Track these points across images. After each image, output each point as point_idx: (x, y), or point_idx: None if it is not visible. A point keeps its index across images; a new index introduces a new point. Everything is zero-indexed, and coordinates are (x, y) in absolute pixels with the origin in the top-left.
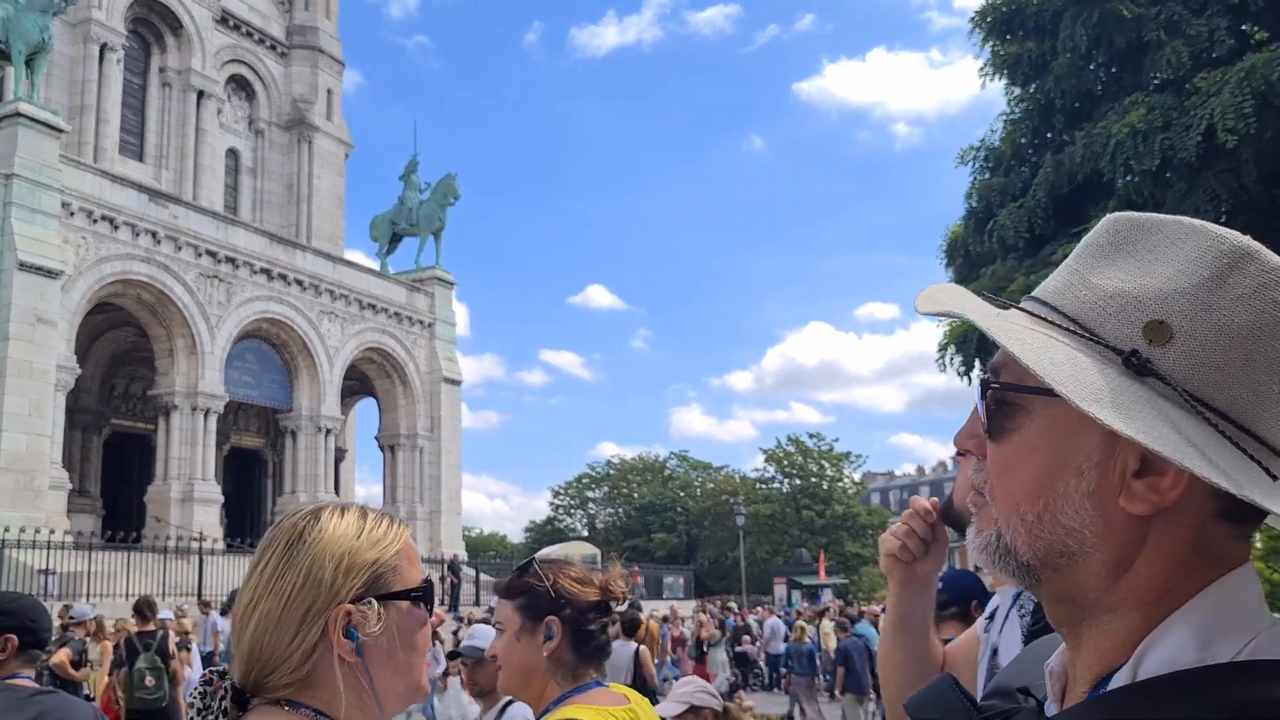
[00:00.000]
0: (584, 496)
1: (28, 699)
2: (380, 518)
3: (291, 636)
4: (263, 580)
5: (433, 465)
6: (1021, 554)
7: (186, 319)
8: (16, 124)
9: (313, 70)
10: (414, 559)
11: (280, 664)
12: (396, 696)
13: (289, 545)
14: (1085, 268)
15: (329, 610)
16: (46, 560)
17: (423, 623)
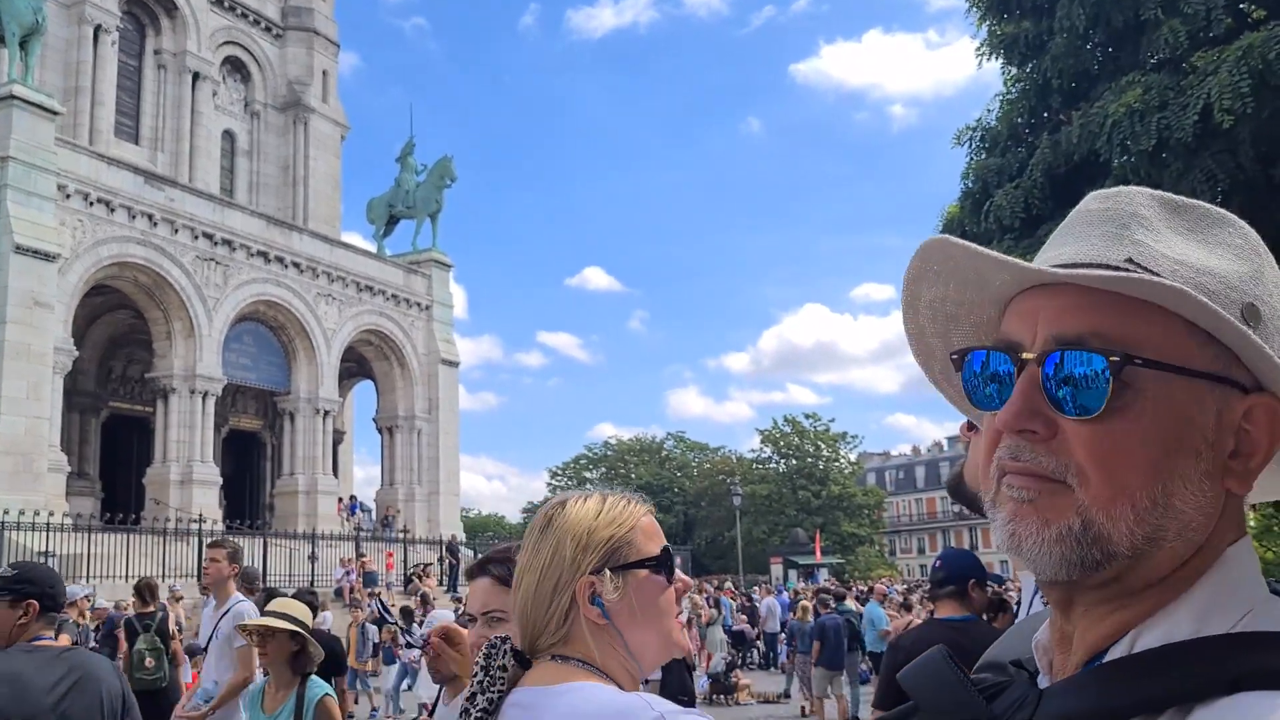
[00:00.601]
0: (581, 477)
1: (56, 657)
2: (619, 500)
3: (547, 605)
4: (526, 557)
5: (431, 447)
6: (1118, 542)
7: (184, 301)
8: (11, 106)
9: (308, 52)
10: (651, 533)
11: (544, 628)
12: (652, 651)
13: (542, 529)
14: (1149, 239)
15: (574, 582)
16: (46, 542)
17: (662, 588)
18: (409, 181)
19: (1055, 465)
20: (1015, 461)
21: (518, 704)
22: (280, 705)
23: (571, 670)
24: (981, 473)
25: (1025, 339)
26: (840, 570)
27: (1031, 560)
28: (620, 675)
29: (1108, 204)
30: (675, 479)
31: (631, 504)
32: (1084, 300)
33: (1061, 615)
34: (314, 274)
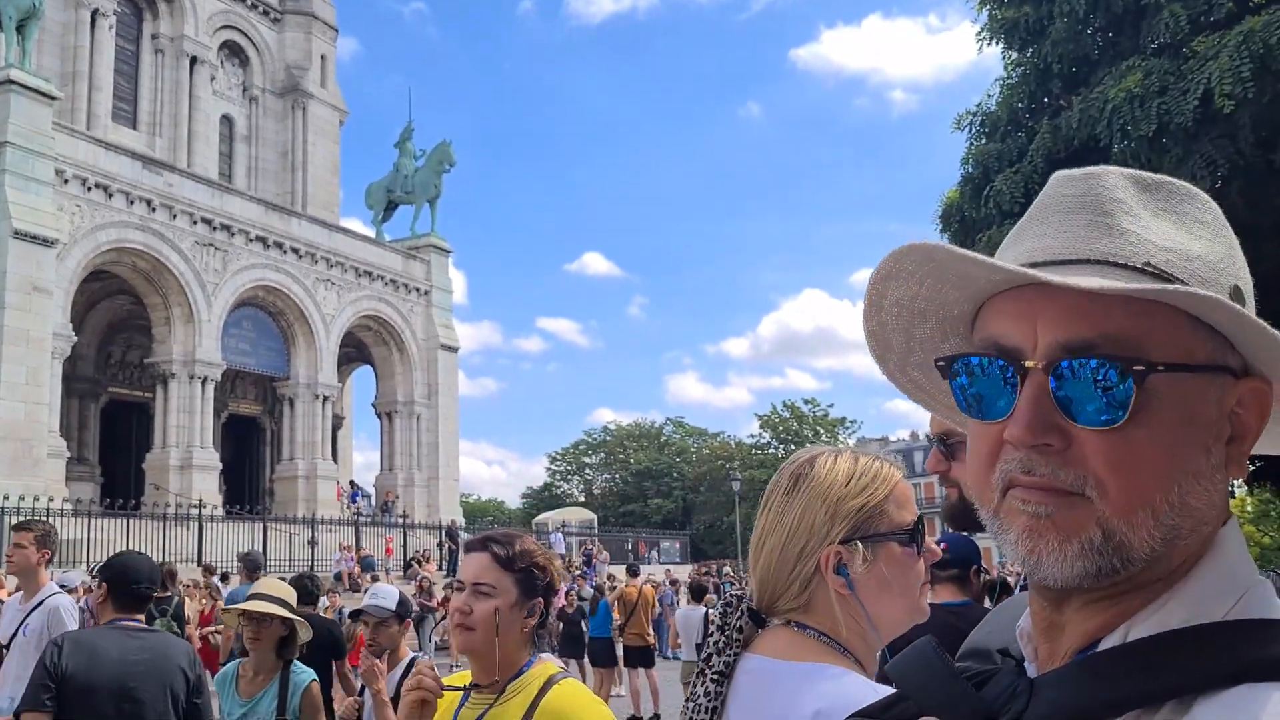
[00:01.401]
0: (581, 463)
1: (134, 634)
2: (871, 462)
3: (790, 569)
4: (770, 519)
5: (430, 432)
6: (1138, 549)
7: (183, 287)
8: (9, 91)
9: (306, 36)
10: (904, 502)
11: (784, 591)
12: (894, 623)
13: (788, 491)
14: (1134, 225)
15: (820, 550)
16: None
17: (913, 560)
18: (408, 167)
19: (1073, 478)
20: (1029, 476)
21: (754, 670)
22: (260, 690)
23: (811, 645)
24: (978, 482)
25: (1024, 344)
26: None
27: (1050, 575)
28: (858, 646)
29: (1082, 188)
30: (674, 464)
31: (885, 467)
32: (1086, 301)
33: (1052, 607)
34: (313, 259)
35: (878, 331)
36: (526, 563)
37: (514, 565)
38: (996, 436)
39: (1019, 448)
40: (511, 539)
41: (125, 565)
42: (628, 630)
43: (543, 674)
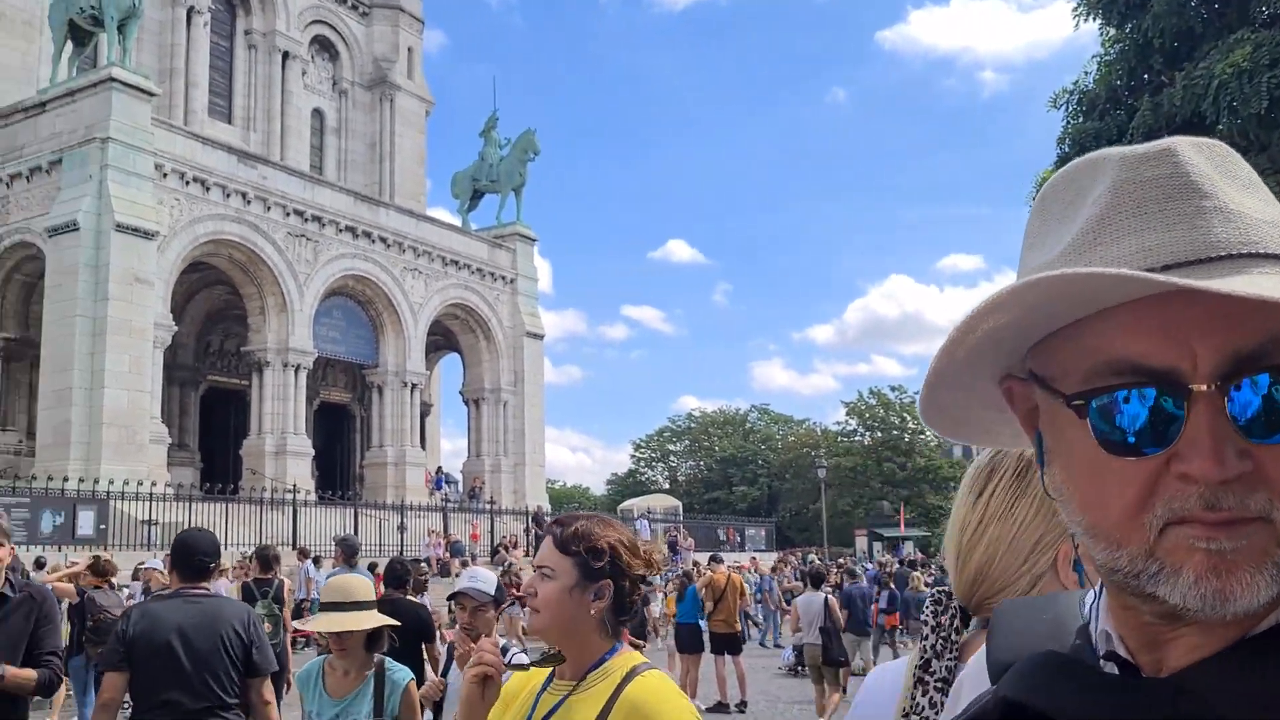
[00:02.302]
0: (665, 450)
1: (193, 600)
2: None
3: (1020, 562)
4: (991, 506)
5: (516, 419)
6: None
7: (276, 277)
8: (111, 89)
9: (393, 29)
10: None
11: (1007, 586)
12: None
13: (1018, 475)
14: (1236, 205)
15: (1058, 544)
16: (149, 511)
17: None
18: (493, 156)
19: (1262, 504)
20: (1214, 512)
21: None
22: (354, 689)
23: None
24: (1122, 525)
25: (1180, 364)
26: (926, 543)
27: (1239, 609)
28: None
29: (1166, 168)
30: (759, 451)
31: None
32: (1240, 305)
33: (1166, 622)
34: (400, 249)
35: (950, 369)
36: (582, 545)
37: (568, 547)
38: (1153, 472)
39: (1201, 483)
40: (571, 521)
41: (187, 541)
42: (715, 617)
43: (625, 664)
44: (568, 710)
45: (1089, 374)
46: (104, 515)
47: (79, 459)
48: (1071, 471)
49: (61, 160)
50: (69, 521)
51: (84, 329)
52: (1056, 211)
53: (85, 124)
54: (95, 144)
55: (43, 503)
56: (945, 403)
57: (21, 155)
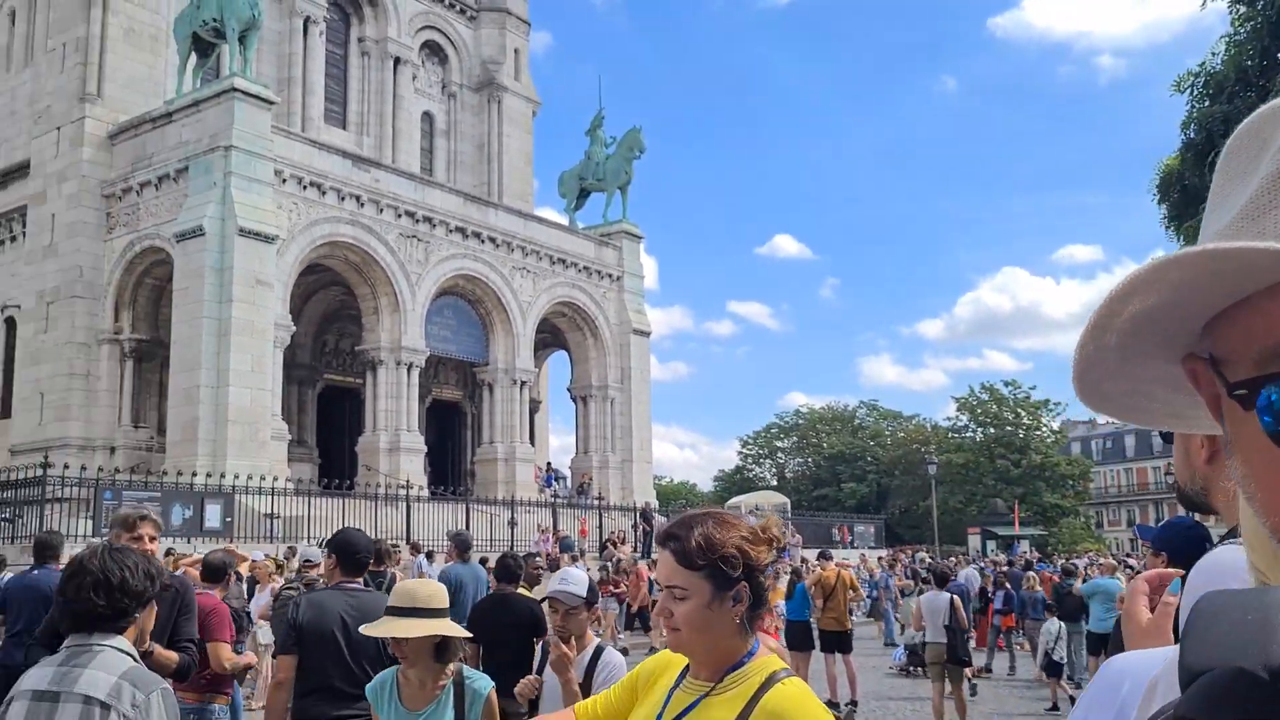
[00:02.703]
0: (772, 446)
1: (351, 593)
2: None
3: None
4: None
5: (623, 415)
6: None
7: (389, 277)
8: (233, 98)
9: (500, 32)
10: None
11: None
12: None
13: None
14: None
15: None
16: (271, 505)
17: None
18: (599, 154)
19: None
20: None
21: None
22: (431, 700)
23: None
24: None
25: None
26: (1043, 542)
27: None
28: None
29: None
30: (868, 448)
31: None
32: None
33: None
34: (509, 248)
35: (1097, 357)
36: (710, 558)
37: (695, 562)
38: None
39: None
40: (690, 528)
41: (348, 540)
42: (825, 615)
43: (764, 669)
44: (703, 711)
45: (1258, 359)
46: (229, 509)
47: (206, 455)
48: (1251, 466)
49: (188, 168)
50: (197, 515)
51: (210, 330)
52: (1238, 167)
53: (210, 133)
54: (219, 152)
55: (173, 497)
56: (1111, 390)
57: (151, 164)
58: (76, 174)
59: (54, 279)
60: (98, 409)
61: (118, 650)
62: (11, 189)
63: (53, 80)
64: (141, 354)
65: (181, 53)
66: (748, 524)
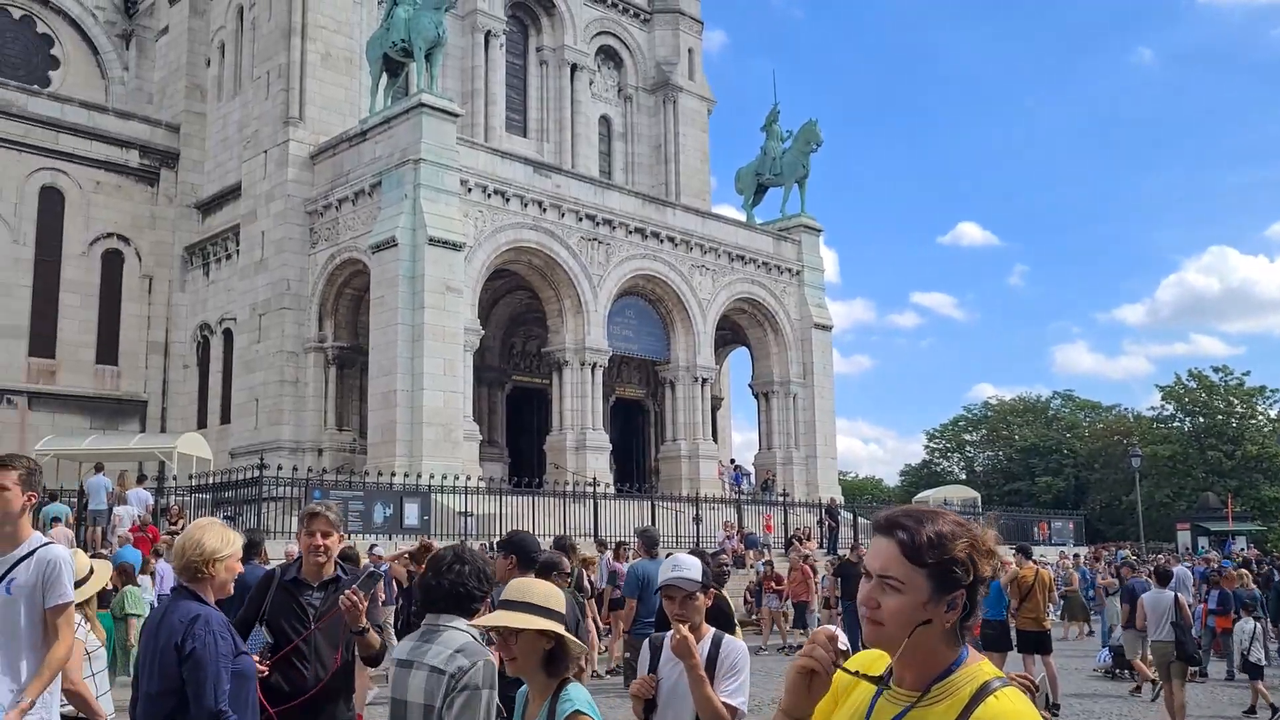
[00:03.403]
0: (960, 439)
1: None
2: None
3: None
4: None
5: (806, 411)
6: None
7: (572, 280)
8: (421, 113)
9: (674, 33)
10: None
11: None
12: None
13: None
14: None
15: None
16: (464, 503)
17: None
18: (775, 149)
19: None
20: None
21: None
22: (535, 716)
23: None
24: None
25: None
26: (1261, 538)
27: None
28: None
29: None
30: (1064, 440)
31: None
32: None
33: None
34: (687, 247)
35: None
36: (940, 557)
37: (922, 558)
38: None
39: None
40: (921, 522)
41: (524, 541)
42: (1023, 614)
43: (975, 677)
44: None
45: None
46: (426, 507)
47: (404, 455)
48: None
49: (381, 182)
50: (397, 513)
51: (404, 336)
52: None
53: (400, 147)
54: (409, 165)
55: (375, 496)
56: None
57: (348, 180)
58: (282, 193)
59: (264, 292)
60: (306, 413)
61: (458, 629)
62: (226, 210)
63: (259, 106)
64: (343, 360)
65: (373, 74)
66: (976, 531)
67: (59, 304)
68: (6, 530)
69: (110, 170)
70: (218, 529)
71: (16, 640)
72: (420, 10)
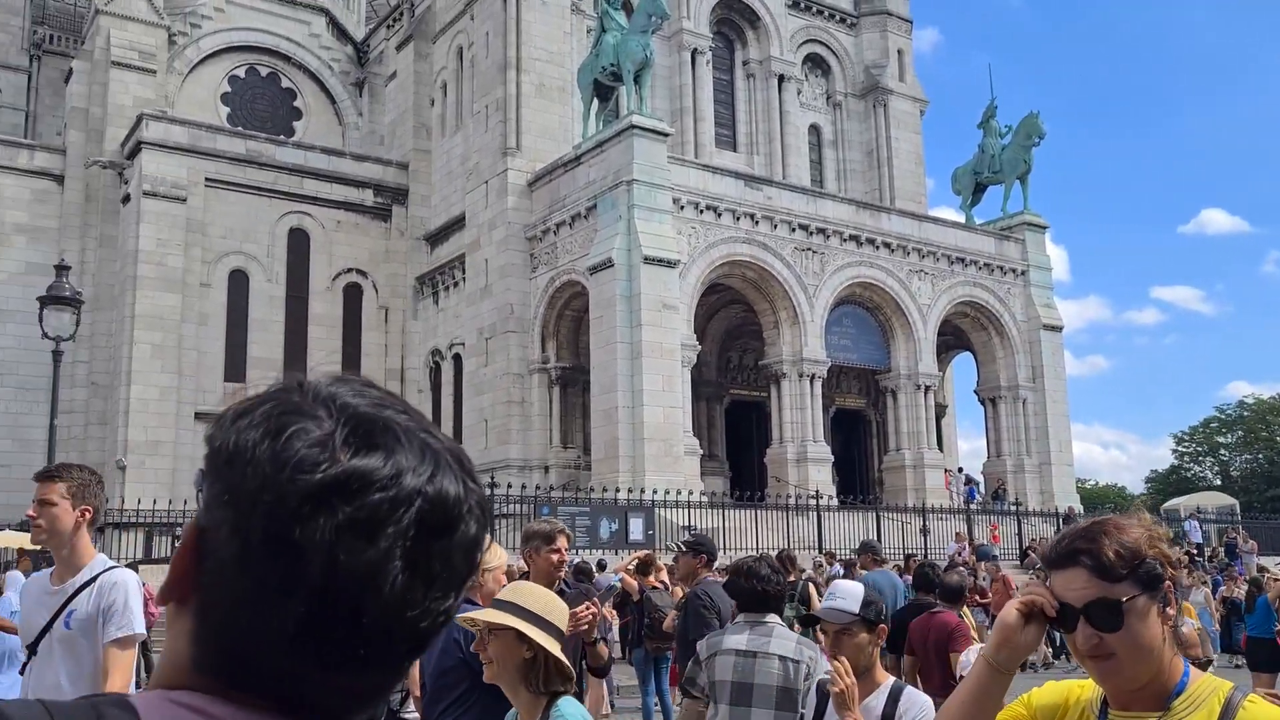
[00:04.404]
0: (1213, 442)
1: (715, 584)
2: None
3: None
4: None
5: (1037, 416)
6: None
7: (786, 291)
8: (632, 135)
9: (881, 35)
10: None
11: None
12: None
13: None
14: None
15: None
16: (687, 518)
17: None
18: (993, 146)
19: None
20: None
21: None
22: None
23: None
24: None
25: None
26: None
27: None
28: None
29: None
30: None
31: None
32: None
33: None
34: (904, 252)
35: None
36: (1131, 564)
37: (1118, 572)
38: None
39: None
40: (1095, 539)
41: (710, 542)
42: None
43: (1215, 689)
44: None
45: None
46: (650, 522)
47: (626, 471)
48: None
49: (596, 205)
50: (622, 528)
51: (623, 354)
52: None
53: (613, 170)
54: (622, 186)
55: (600, 511)
56: None
57: (564, 205)
58: (503, 221)
59: (490, 317)
60: (532, 432)
61: (780, 625)
62: (452, 240)
63: (479, 139)
64: (566, 380)
65: (584, 100)
66: (1143, 520)
67: (308, 336)
68: (63, 554)
69: (349, 210)
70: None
71: (81, 682)
72: (628, 34)
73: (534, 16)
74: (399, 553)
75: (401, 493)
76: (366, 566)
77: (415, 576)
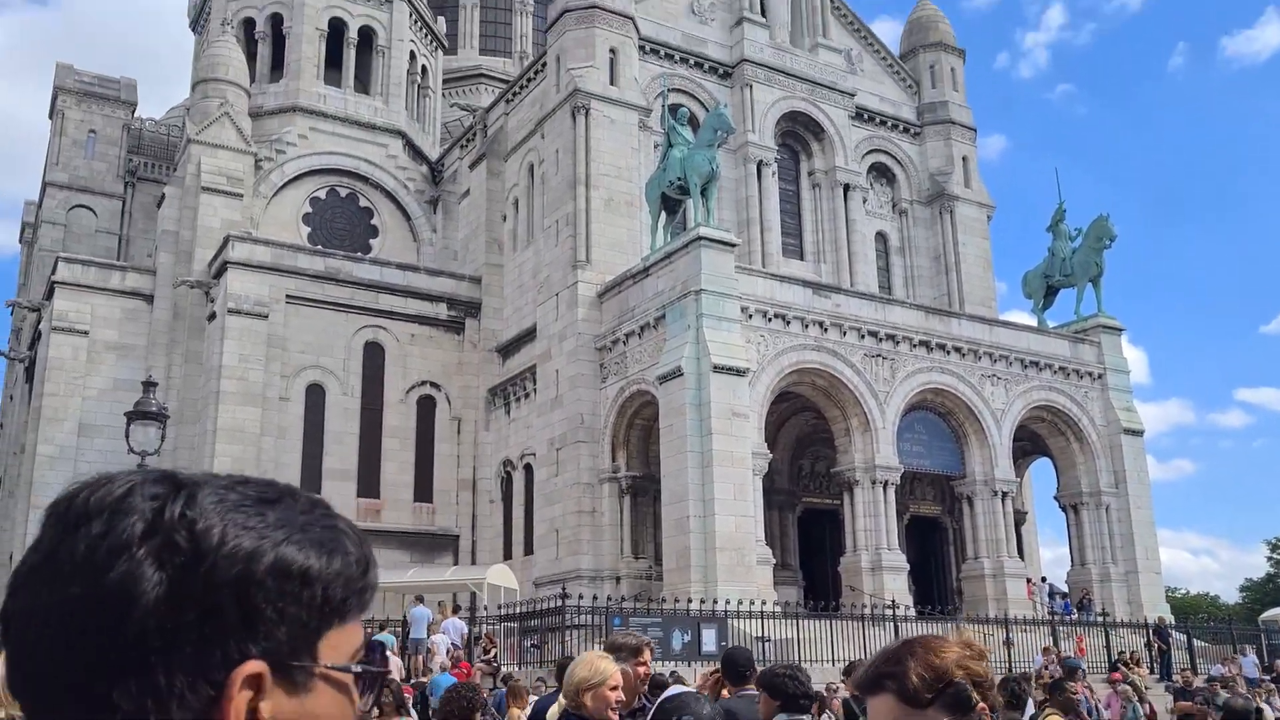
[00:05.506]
0: None
1: (751, 701)
2: None
3: None
4: None
5: (1121, 523)
6: None
7: (857, 398)
8: (700, 247)
9: (946, 143)
10: None
11: None
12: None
13: None
14: None
15: None
16: (761, 628)
17: None
18: (1063, 249)
19: None
20: None
21: None
22: None
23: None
24: None
25: None
26: None
27: None
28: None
29: None
30: None
31: None
32: None
33: None
34: (975, 356)
35: None
36: (936, 689)
37: (918, 700)
38: None
39: None
40: (899, 662)
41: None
42: None
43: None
44: None
45: None
46: (723, 633)
47: (698, 581)
48: None
49: (664, 315)
50: (695, 639)
51: (694, 463)
52: None
53: (681, 280)
54: (690, 297)
55: (672, 622)
56: None
57: (633, 315)
58: (574, 332)
59: (560, 427)
60: (602, 542)
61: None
62: (523, 352)
63: (549, 253)
64: (636, 489)
65: (652, 213)
66: (959, 639)
67: (381, 448)
68: None
69: (422, 323)
70: (588, 660)
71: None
72: (694, 149)
73: (603, 134)
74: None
75: None
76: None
77: None
